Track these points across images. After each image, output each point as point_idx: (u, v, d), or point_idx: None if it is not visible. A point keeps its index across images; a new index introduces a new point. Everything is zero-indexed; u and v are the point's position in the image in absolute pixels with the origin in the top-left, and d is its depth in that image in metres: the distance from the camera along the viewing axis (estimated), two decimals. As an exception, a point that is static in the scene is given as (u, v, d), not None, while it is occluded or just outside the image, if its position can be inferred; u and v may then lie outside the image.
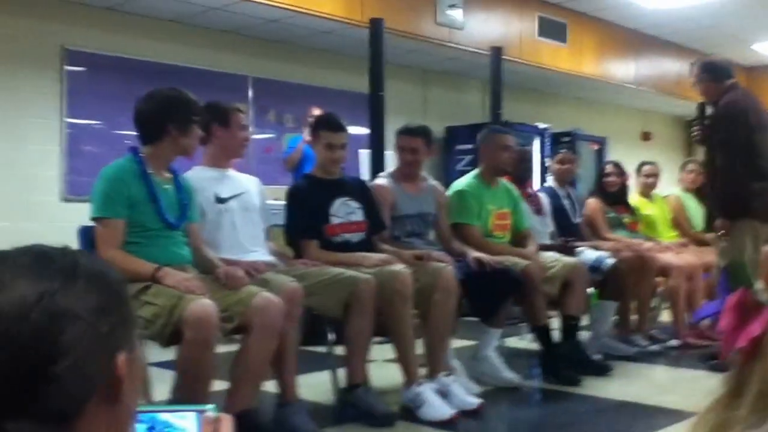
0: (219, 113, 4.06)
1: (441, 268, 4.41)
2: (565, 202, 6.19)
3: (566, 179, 6.42)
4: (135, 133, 3.69)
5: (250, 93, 7.79)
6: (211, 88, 4.80)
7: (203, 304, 3.21)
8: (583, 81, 10.40)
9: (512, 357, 5.41)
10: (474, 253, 4.80)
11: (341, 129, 4.47)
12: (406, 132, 4.89)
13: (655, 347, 6.01)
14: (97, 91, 6.91)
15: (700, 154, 13.97)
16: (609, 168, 6.63)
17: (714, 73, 5.35)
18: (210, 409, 1.12)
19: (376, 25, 6.66)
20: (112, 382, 0.96)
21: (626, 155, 7.48)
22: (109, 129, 6.88)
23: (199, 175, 4.02)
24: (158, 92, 3.66)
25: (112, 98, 6.83)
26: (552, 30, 9.55)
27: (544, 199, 5.99)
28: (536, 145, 9.51)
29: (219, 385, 3.49)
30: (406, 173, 4.91)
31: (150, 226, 3.51)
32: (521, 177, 5.79)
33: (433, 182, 5.13)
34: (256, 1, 6.77)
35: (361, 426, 3.99)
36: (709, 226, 5.44)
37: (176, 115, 3.60)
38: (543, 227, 5.83)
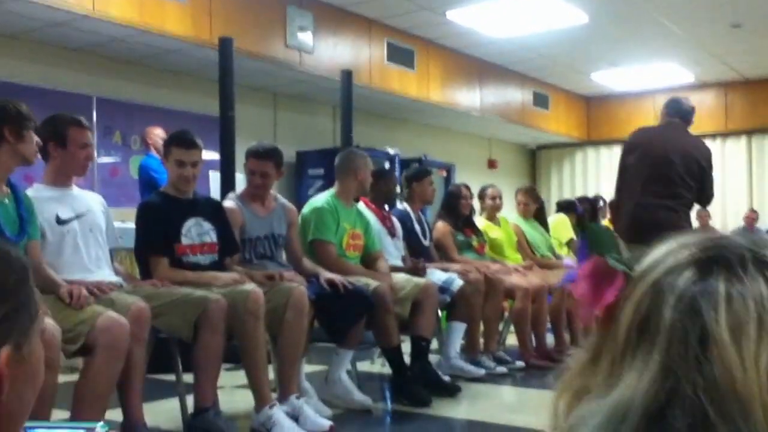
0: (55, 132, 3.84)
1: (293, 288, 4.36)
2: (416, 226, 6.26)
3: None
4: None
5: (95, 114, 7.52)
6: (51, 108, 4.59)
7: (45, 324, 3.05)
8: (431, 107, 10.56)
9: (364, 380, 5.41)
10: (326, 274, 4.77)
11: (193, 146, 4.36)
12: (255, 155, 4.80)
13: (501, 369, 6.10)
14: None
15: (546, 183, 14.51)
16: (464, 191, 6.74)
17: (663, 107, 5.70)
18: (100, 427, 1.06)
19: (225, 44, 6.58)
20: None
21: (473, 181, 7.61)
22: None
23: (38, 195, 3.83)
24: None
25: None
26: (400, 56, 9.67)
27: (396, 222, 6.03)
28: (386, 169, 9.58)
29: (59, 415, 3.34)
30: (255, 195, 4.84)
31: (-15, 241, 3.32)
32: (387, 200, 5.94)
33: (283, 201, 5.07)
34: (98, 18, 6.54)
35: (211, 451, 3.88)
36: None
37: (10, 121, 3.43)
38: (396, 250, 5.87)
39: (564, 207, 8.54)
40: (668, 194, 5.16)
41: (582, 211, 8.49)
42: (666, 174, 5.17)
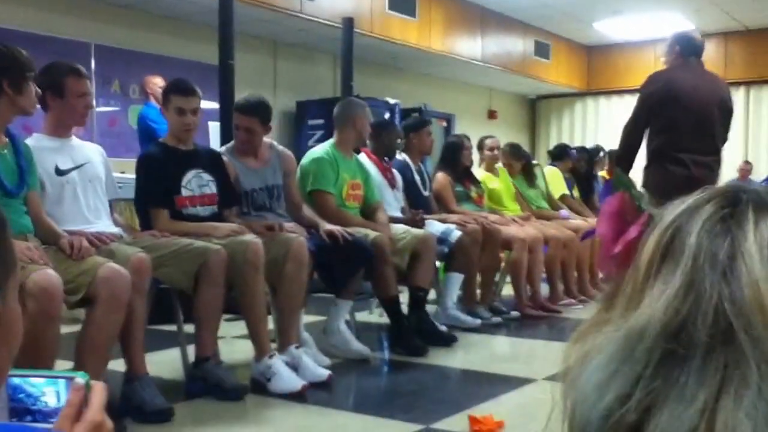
0: (52, 82, 3.79)
1: (292, 239, 4.39)
2: (416, 177, 6.28)
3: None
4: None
5: (93, 62, 7.48)
6: (48, 56, 4.56)
7: (47, 275, 3.08)
8: (431, 56, 10.50)
9: (362, 330, 5.47)
10: (326, 226, 4.79)
11: (193, 93, 4.33)
12: (240, 110, 4.74)
13: (497, 319, 6.16)
14: None
15: (545, 134, 14.45)
16: (465, 142, 6.74)
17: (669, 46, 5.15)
18: (80, 376, 1.07)
19: (225, -7, 6.52)
20: None
21: (472, 132, 7.60)
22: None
23: (37, 145, 3.81)
24: None
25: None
26: (402, 4, 9.59)
27: (396, 173, 6.04)
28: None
29: (63, 365, 3.38)
30: (243, 150, 4.80)
31: (-16, 192, 3.33)
32: (387, 153, 5.93)
33: (279, 149, 5.02)
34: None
35: (211, 400, 3.93)
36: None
37: (8, 71, 3.40)
38: (396, 201, 5.90)
39: (556, 155, 8.48)
40: (711, 150, 4.89)
41: (575, 155, 8.44)
42: (710, 129, 4.87)
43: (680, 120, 4.78)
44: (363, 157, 5.72)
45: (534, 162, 8.23)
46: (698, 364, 0.68)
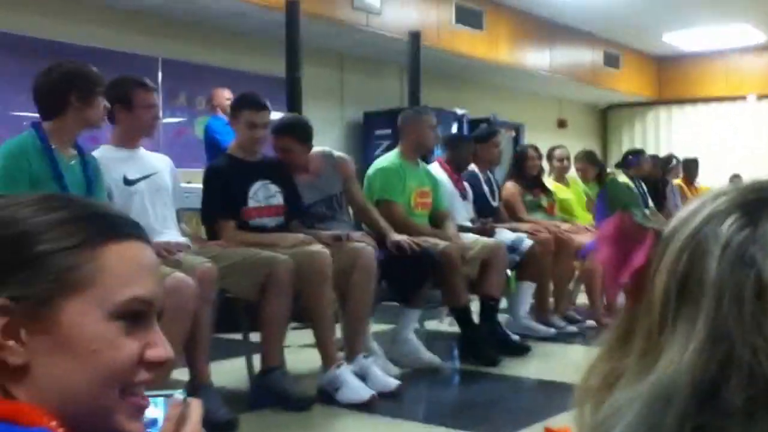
0: (120, 95, 3.84)
1: (360, 248, 4.33)
2: (485, 186, 6.21)
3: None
4: (35, 114, 3.53)
5: (160, 75, 7.56)
6: (117, 70, 4.60)
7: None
8: (499, 68, 10.46)
9: (431, 339, 5.39)
10: (394, 237, 4.73)
11: (264, 107, 4.35)
12: (274, 130, 4.61)
13: (572, 328, 6.05)
14: (-5, 70, 6.61)
15: (617, 144, 14.32)
16: (531, 152, 6.67)
17: None
18: (178, 393, 1.05)
19: (291, 9, 6.54)
20: None
21: (542, 142, 7.51)
22: (6, 110, 6.59)
23: (105, 155, 3.85)
24: (57, 65, 3.50)
25: (8, 79, 6.53)
26: (469, 18, 9.58)
27: (467, 185, 5.99)
28: (454, 129, 9.49)
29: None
30: (291, 168, 4.67)
31: (53, 204, 3.34)
32: (459, 166, 5.90)
33: (335, 157, 4.93)
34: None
35: (277, 411, 3.88)
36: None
37: (77, 84, 3.44)
38: (467, 212, 5.86)
39: (619, 164, 8.34)
40: None
41: (635, 161, 8.20)
42: None
43: None
44: (435, 166, 5.73)
45: (608, 171, 8.10)
46: None
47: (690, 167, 9.65)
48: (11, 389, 0.90)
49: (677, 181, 9.03)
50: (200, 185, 4.46)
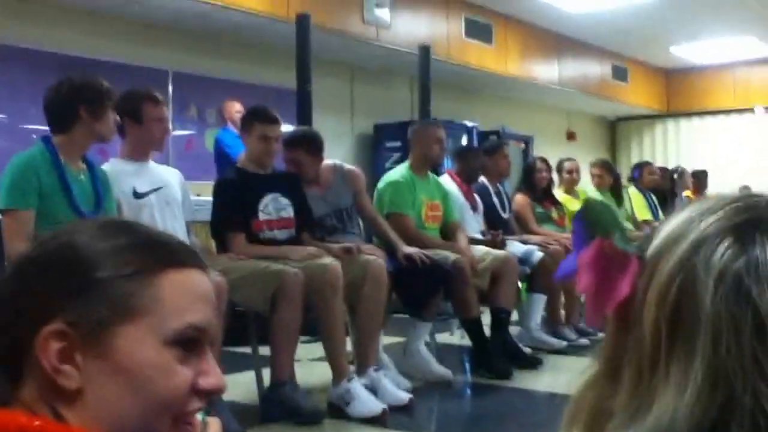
0: (130, 108, 3.84)
1: (371, 260, 4.32)
2: (495, 199, 6.20)
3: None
4: (45, 127, 3.53)
5: (170, 87, 7.56)
6: (127, 83, 4.60)
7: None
8: (508, 81, 10.46)
9: (442, 352, 5.35)
10: (405, 249, 4.72)
11: (276, 121, 4.35)
12: (284, 143, 4.65)
13: (583, 340, 6.01)
14: (4, 83, 6.62)
15: (626, 155, 14.30)
16: (539, 164, 6.67)
17: None
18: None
19: (302, 21, 6.55)
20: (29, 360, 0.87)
21: (551, 154, 7.51)
22: (17, 123, 6.60)
23: (115, 168, 3.85)
24: (67, 78, 3.50)
25: (20, 91, 6.54)
26: (478, 31, 9.59)
27: (477, 197, 5.98)
28: (464, 141, 9.48)
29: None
30: (302, 181, 4.68)
31: (61, 217, 3.31)
32: (468, 179, 5.89)
33: (344, 170, 4.94)
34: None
35: (288, 425, 3.86)
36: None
37: (88, 98, 3.43)
38: (477, 224, 5.84)
39: (631, 178, 8.35)
40: None
41: (638, 174, 8.22)
42: None
43: None
44: (446, 178, 5.72)
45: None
46: None
47: (699, 179, 9.75)
48: (63, 412, 0.89)
49: (687, 193, 9.00)
50: (210, 198, 4.45)
